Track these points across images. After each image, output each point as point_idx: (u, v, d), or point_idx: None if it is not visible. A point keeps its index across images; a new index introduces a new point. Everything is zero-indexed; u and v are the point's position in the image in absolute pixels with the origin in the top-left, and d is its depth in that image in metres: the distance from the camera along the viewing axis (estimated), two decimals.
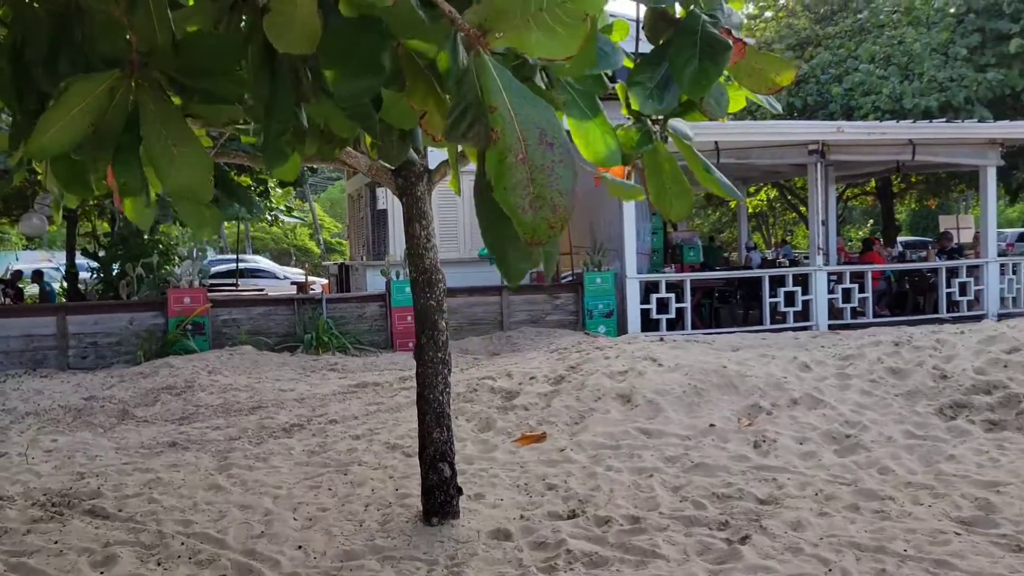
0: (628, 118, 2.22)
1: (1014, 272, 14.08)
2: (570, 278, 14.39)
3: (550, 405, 6.88)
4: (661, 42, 1.91)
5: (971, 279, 13.75)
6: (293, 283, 22.54)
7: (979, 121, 14.97)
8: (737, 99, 2.12)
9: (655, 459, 5.53)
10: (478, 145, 1.41)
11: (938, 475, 5.11)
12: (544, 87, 1.92)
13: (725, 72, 1.99)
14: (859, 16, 22.54)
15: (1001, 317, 12.44)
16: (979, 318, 12.39)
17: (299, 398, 8.31)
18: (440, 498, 4.42)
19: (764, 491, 4.85)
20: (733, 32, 1.78)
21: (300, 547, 4.17)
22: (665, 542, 4.07)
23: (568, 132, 1.98)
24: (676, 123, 2.19)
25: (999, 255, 14.53)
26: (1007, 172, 19.20)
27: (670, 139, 2.21)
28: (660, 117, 2.18)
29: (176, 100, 1.98)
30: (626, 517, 4.45)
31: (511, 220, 1.37)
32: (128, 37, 1.84)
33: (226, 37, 1.91)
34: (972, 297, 13.75)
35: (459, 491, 4.53)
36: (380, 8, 1.46)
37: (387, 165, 4.38)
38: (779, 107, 2.24)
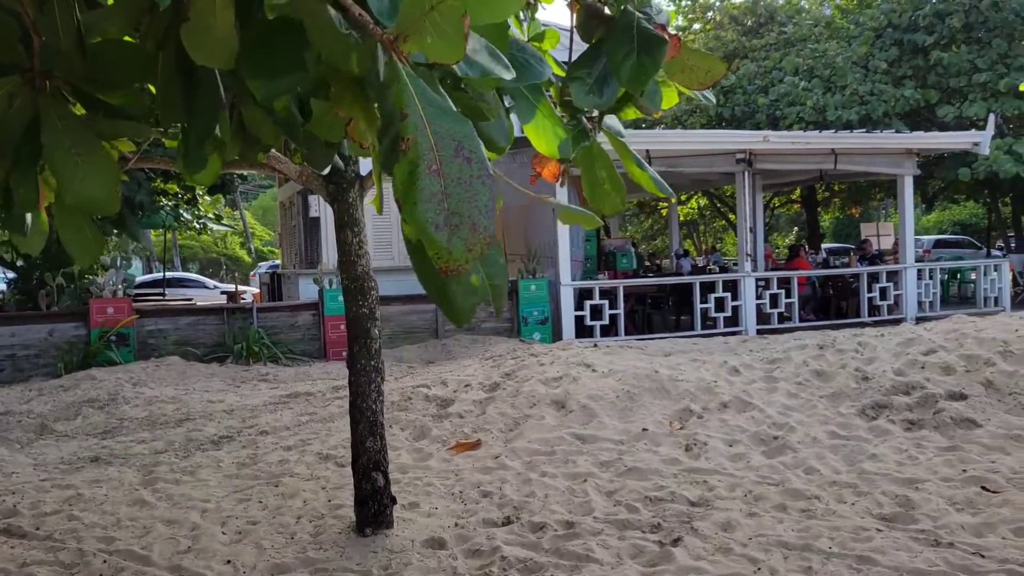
0: (563, 116, 2.24)
1: (930, 277, 14.63)
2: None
3: (485, 412, 6.88)
4: (595, 40, 1.93)
5: (891, 284, 14.24)
6: (223, 292, 22.07)
7: (895, 132, 15.54)
8: (670, 96, 2.15)
9: (589, 464, 5.58)
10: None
11: (861, 474, 5.27)
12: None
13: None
14: (784, 29, 23.21)
15: (919, 320, 12.91)
16: (898, 321, 12.84)
17: (228, 409, 8.12)
18: (374, 508, 4.38)
19: (695, 493, 4.93)
20: (666, 28, 1.81)
21: (229, 561, 4.07)
22: (599, 546, 4.10)
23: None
24: (609, 121, 2.22)
25: (916, 261, 15.09)
26: (923, 181, 20.00)
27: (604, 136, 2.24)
28: (594, 115, 2.20)
29: (79, 111, 1.91)
30: (560, 522, 4.47)
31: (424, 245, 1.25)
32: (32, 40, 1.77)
33: (136, 47, 1.84)
34: (892, 301, 14.23)
35: (393, 500, 4.49)
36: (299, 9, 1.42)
37: (318, 171, 4.32)
38: (714, 99, 2.28)
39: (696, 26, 26.96)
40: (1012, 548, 3.99)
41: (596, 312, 12.66)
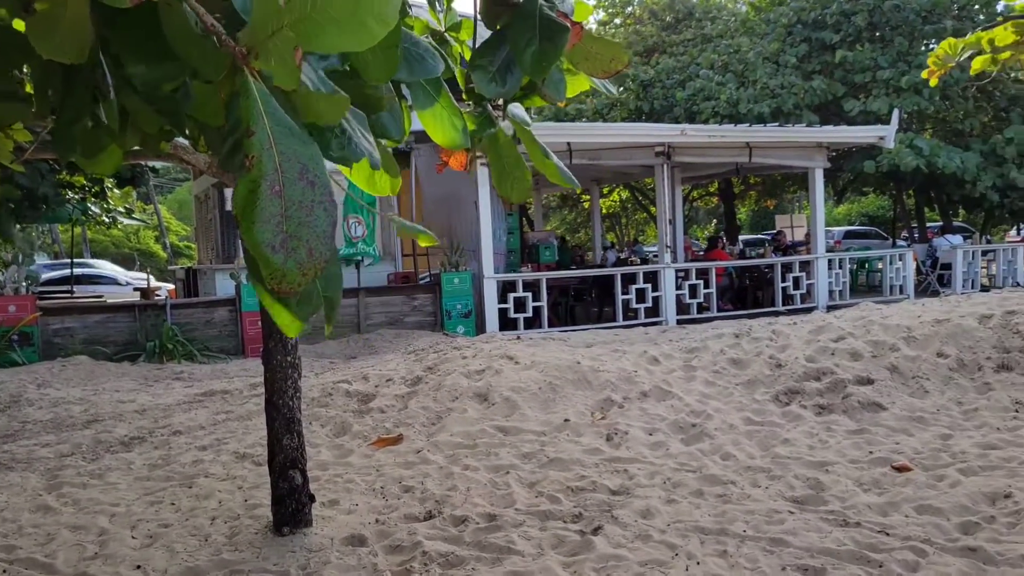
0: (467, 104, 2.22)
1: (840, 267, 15.16)
2: (428, 279, 14.35)
3: (407, 407, 6.82)
4: (499, 27, 1.91)
5: (803, 274, 14.71)
6: (136, 289, 21.34)
7: (807, 126, 16.03)
8: (576, 84, 2.15)
9: (512, 456, 5.58)
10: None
11: (774, 458, 5.42)
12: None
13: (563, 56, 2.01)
14: (702, 25, 23.68)
15: (830, 308, 13.37)
16: (811, 310, 13.28)
17: (140, 409, 7.85)
18: (291, 507, 4.28)
19: (616, 482, 4.99)
20: (569, 15, 1.80)
21: (139, 567, 3.93)
22: (520, 537, 4.11)
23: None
24: (515, 109, 2.20)
25: (828, 251, 15.61)
26: (833, 174, 20.71)
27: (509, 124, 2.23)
28: (500, 102, 2.19)
29: None
30: (483, 515, 4.46)
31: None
32: None
33: (12, 29, 1.73)
34: (804, 290, 14.70)
35: (311, 498, 4.41)
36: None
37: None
38: (615, 91, 2.30)
39: (617, 20, 27.28)
40: (914, 525, 4.16)
41: (520, 305, 12.70)
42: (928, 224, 26.20)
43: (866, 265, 19.32)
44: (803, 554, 3.83)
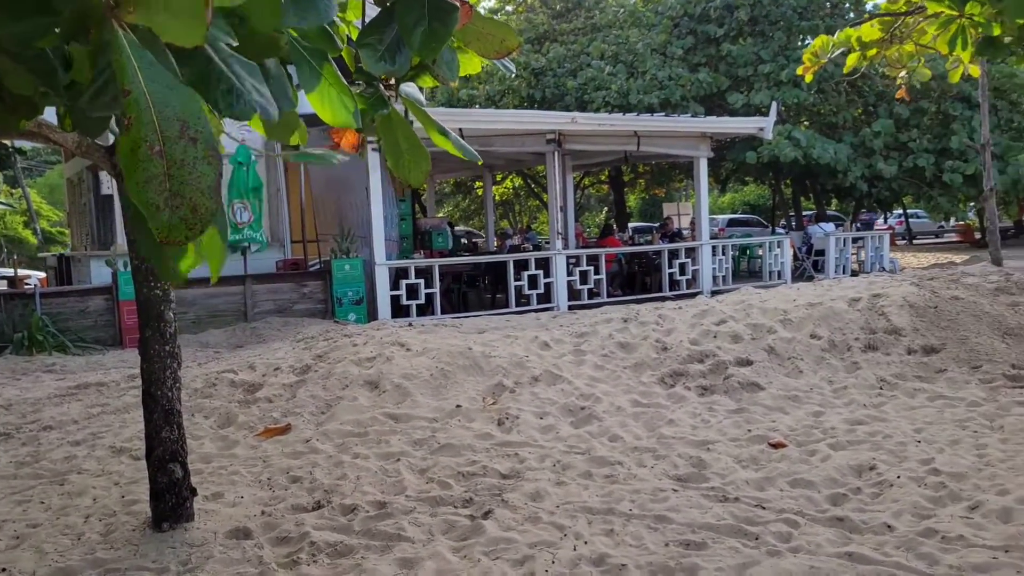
0: (358, 83, 2.17)
1: (723, 253, 15.73)
2: (318, 266, 14.06)
3: (295, 396, 6.67)
4: (388, 4, 1.88)
5: (689, 260, 15.19)
6: (2, 277, 20.05)
7: (693, 116, 16.52)
8: (468, 64, 2.14)
9: (402, 443, 5.55)
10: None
11: (660, 439, 5.59)
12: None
13: (454, 36, 2.00)
14: (591, 15, 24.02)
15: (714, 293, 13.85)
16: (695, 295, 13.72)
17: (6, 404, 7.38)
18: (171, 501, 4.13)
19: (507, 466, 5.03)
20: None
21: (4, 569, 3.71)
22: (411, 524, 4.09)
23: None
24: (408, 88, 2.17)
25: (712, 238, 16.16)
26: (717, 164, 21.45)
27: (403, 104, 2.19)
28: (392, 82, 2.15)
29: None
30: (372, 503, 4.42)
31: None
32: None
33: None
34: (690, 276, 15.19)
35: (193, 492, 4.26)
36: None
37: (100, 144, 3.97)
38: (513, 68, 2.29)
39: (509, 8, 27.36)
40: (788, 499, 4.37)
41: (412, 291, 12.62)
42: (804, 212, 27.48)
43: (747, 252, 20.10)
44: (685, 530, 3.97)
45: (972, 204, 25.94)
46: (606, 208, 40.94)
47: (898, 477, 4.58)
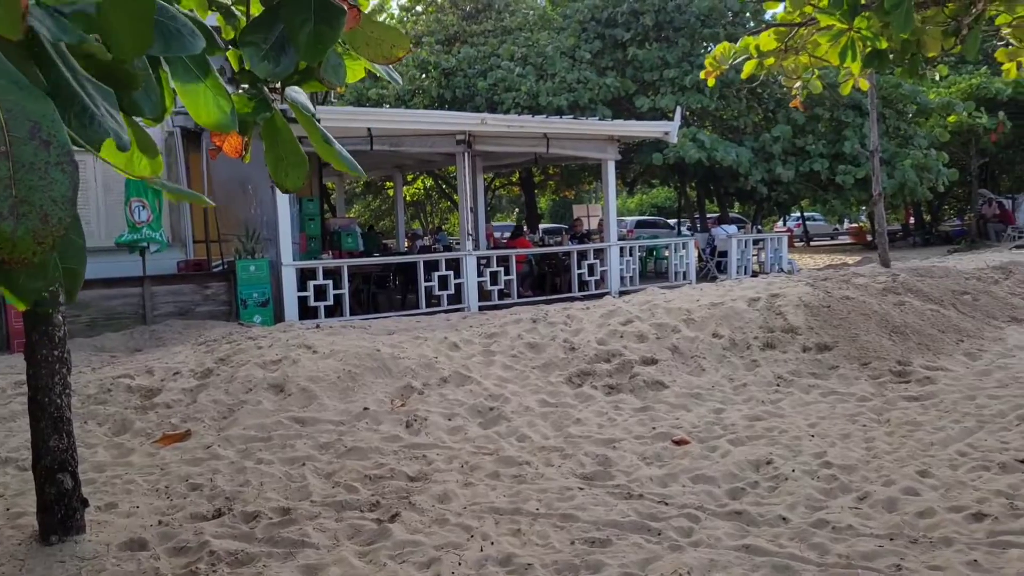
0: (242, 85, 2.12)
1: (631, 254, 16.03)
2: (222, 266, 13.67)
3: (196, 401, 6.47)
4: (274, 3, 1.83)
5: (597, 261, 15.41)
6: None
7: (601, 119, 16.78)
8: (355, 70, 2.10)
9: (308, 447, 5.45)
10: None
11: (567, 438, 5.66)
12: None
13: (342, 40, 1.97)
14: (501, 17, 24.12)
15: (621, 294, 14.09)
16: (604, 295, 13.93)
17: None
18: (60, 513, 3.95)
19: (415, 468, 5.01)
20: None
21: None
22: (315, 530, 4.03)
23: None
24: (294, 93, 2.12)
25: (620, 240, 16.44)
26: (624, 166, 21.86)
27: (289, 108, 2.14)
28: (277, 85, 2.10)
29: None
30: (276, 510, 4.33)
31: None
32: None
33: None
34: (599, 277, 15.42)
35: (84, 503, 4.08)
36: None
37: None
38: (399, 79, 2.27)
39: (419, 8, 27.20)
40: (690, 494, 4.49)
41: (320, 293, 12.40)
42: (708, 215, 28.26)
43: (654, 253, 20.53)
44: (591, 528, 4.03)
45: (863, 207, 27.19)
46: (517, 209, 41.19)
47: (793, 471, 4.76)
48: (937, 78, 26.02)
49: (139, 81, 1.54)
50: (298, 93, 2.10)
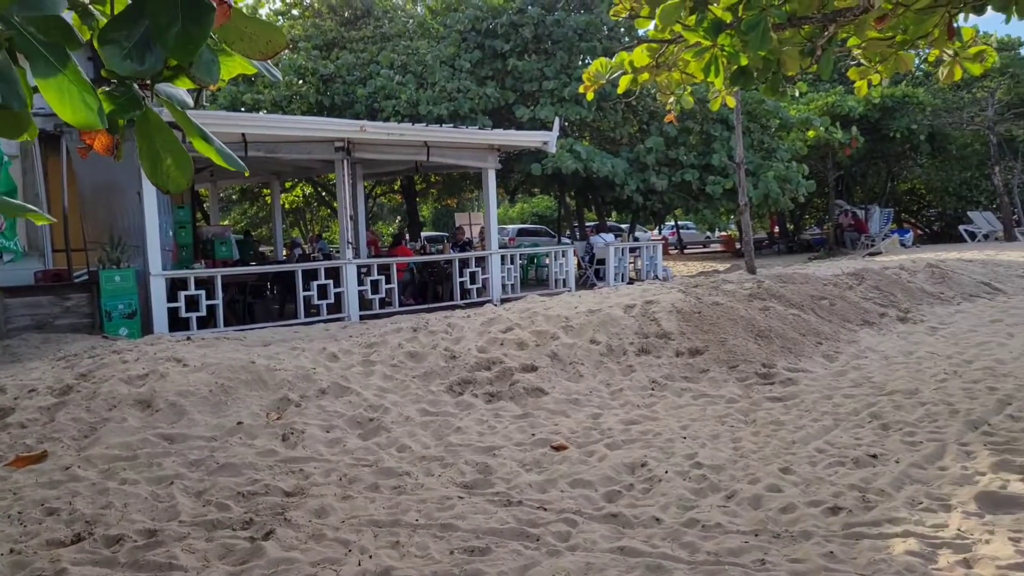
0: (112, 81, 2.01)
1: (512, 262, 16.19)
2: (85, 277, 12.93)
3: (54, 420, 6.09)
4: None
5: (479, 269, 15.48)
6: None
7: (481, 129, 16.89)
8: (230, 66, 2.03)
9: (177, 465, 5.23)
10: None
11: (448, 447, 5.65)
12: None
13: (215, 36, 1.90)
14: (380, 24, 23.93)
15: (503, 301, 14.21)
16: (485, 303, 14.01)
17: None
18: None
19: (291, 483, 4.88)
20: None
21: None
22: (184, 551, 3.86)
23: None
24: (169, 89, 2.03)
25: (501, 248, 16.57)
26: (505, 175, 22.06)
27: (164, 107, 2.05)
28: (148, 81, 2.00)
29: None
30: (141, 532, 4.12)
31: None
32: None
33: None
34: (480, 285, 15.48)
35: None
36: None
37: None
38: (279, 75, 2.21)
39: (295, 12, 26.64)
40: (568, 499, 4.57)
41: (192, 303, 11.92)
42: (587, 223, 28.89)
43: (535, 260, 20.81)
44: (470, 536, 4.04)
45: (732, 216, 28.46)
46: (398, 217, 40.88)
47: (666, 472, 4.92)
48: (797, 95, 27.61)
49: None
50: (173, 89, 2.01)
